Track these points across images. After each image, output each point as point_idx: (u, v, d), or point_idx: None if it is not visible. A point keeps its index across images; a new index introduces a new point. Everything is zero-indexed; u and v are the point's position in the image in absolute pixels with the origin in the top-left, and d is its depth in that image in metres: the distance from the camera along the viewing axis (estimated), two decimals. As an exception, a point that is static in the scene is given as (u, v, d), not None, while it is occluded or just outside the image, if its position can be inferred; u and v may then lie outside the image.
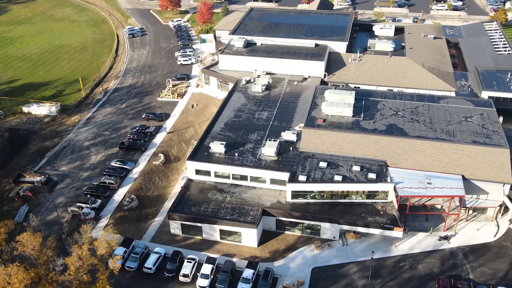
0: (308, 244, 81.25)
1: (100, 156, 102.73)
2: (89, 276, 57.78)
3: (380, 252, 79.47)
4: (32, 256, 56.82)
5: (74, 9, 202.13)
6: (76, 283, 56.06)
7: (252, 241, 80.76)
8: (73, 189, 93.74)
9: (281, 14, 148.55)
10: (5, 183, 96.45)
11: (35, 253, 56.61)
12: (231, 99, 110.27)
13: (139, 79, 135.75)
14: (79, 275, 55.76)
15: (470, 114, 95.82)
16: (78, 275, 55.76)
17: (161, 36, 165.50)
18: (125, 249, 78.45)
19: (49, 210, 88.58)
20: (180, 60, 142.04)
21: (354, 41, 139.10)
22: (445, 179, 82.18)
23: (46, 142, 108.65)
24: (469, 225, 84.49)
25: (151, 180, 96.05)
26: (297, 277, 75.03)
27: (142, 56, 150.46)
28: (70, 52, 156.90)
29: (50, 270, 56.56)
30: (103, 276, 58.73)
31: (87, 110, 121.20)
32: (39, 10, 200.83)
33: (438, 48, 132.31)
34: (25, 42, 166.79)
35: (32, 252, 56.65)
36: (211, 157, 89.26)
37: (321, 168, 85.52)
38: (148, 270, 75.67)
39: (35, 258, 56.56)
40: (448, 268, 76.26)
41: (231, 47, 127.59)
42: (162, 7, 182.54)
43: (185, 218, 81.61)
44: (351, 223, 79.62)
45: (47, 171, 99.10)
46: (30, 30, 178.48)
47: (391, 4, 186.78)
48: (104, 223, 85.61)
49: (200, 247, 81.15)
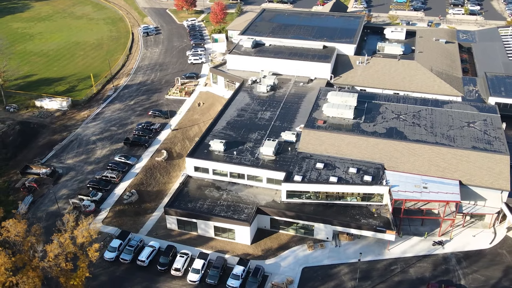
0: (301, 244, 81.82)
1: (105, 151, 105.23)
2: (70, 264, 59.67)
3: (372, 254, 79.51)
4: (17, 242, 59.07)
5: (93, 7, 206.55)
6: (57, 270, 57.97)
7: (245, 239, 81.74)
8: (77, 182, 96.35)
9: (292, 15, 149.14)
10: (13, 173, 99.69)
11: (20, 239, 58.83)
12: (235, 98, 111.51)
13: (150, 76, 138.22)
14: (58, 262, 57.63)
15: (473, 119, 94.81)
16: (58, 262, 57.63)
17: (175, 35, 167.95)
18: (121, 241, 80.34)
19: (52, 201, 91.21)
20: (191, 59, 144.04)
21: (364, 44, 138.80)
22: (442, 184, 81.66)
23: (55, 136, 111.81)
24: (465, 231, 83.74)
25: (152, 176, 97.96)
26: (287, 275, 75.70)
27: (155, 54, 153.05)
28: (85, 49, 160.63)
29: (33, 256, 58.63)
30: (83, 264, 60.51)
31: (97, 105, 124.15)
32: (60, 8, 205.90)
33: (448, 53, 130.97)
34: (43, 39, 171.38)
35: (17, 238, 58.89)
36: (210, 155, 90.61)
37: (318, 169, 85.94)
38: (142, 263, 77.42)
39: (20, 244, 58.81)
40: (440, 273, 75.81)
41: (239, 47, 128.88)
42: (177, 6, 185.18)
43: (181, 214, 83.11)
44: (344, 224, 79.86)
45: (53, 163, 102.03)
46: (50, 27, 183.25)
47: (407, 7, 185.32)
48: (104, 215, 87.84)
49: (194, 243, 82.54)
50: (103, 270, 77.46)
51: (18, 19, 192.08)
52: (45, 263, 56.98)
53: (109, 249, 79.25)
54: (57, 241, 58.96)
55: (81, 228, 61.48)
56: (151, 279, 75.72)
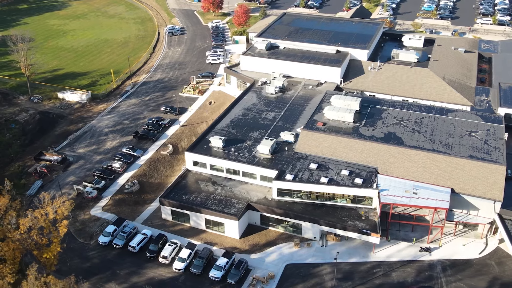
0: (289, 241, 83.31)
1: (115, 143, 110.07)
2: (45, 239, 63.74)
3: (357, 256, 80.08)
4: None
5: (126, 7, 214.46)
6: (32, 243, 62.21)
7: (234, 233, 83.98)
8: (84, 170, 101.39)
9: (311, 20, 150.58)
10: (28, 159, 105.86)
11: (1, 212, 63.32)
12: (243, 98, 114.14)
13: (168, 74, 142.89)
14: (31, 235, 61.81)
15: (476, 129, 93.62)
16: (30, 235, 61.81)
17: (198, 36, 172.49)
18: (116, 227, 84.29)
19: (59, 187, 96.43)
20: (209, 59, 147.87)
21: (381, 50, 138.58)
22: (433, 191, 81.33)
23: (71, 126, 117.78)
24: (456, 240, 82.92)
25: (155, 168, 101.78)
26: (269, 270, 77.38)
27: (176, 54, 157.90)
28: (112, 46, 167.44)
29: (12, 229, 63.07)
30: (56, 239, 64.46)
31: (114, 100, 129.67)
32: (95, 7, 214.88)
33: (465, 62, 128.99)
34: (75, 35, 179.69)
35: None
36: (209, 151, 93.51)
37: (311, 169, 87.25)
38: (132, 248, 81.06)
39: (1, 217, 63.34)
40: (422, 279, 75.57)
41: (254, 49, 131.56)
42: (204, 8, 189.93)
43: (175, 205, 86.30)
44: (330, 224, 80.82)
45: (65, 151, 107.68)
46: (83, 24, 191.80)
47: (434, 16, 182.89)
48: (104, 202, 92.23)
49: (186, 234, 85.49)
50: (96, 253, 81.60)
51: (55, 17, 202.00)
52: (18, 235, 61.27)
53: (103, 234, 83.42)
54: (31, 215, 63.20)
55: (55, 206, 65.46)
56: (139, 265, 79.14)
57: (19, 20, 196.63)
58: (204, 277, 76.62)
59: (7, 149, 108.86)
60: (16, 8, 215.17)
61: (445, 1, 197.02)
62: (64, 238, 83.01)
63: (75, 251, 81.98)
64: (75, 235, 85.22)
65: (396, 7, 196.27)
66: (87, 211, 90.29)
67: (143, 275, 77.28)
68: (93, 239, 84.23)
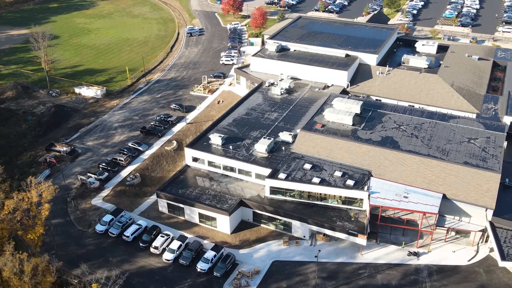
0: (279, 239, 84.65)
1: (123, 137, 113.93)
2: (31, 221, 67.39)
3: (345, 257, 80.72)
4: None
5: (151, 7, 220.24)
6: (18, 224, 65.94)
7: (225, 228, 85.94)
8: (91, 162, 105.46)
9: (325, 24, 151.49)
10: (39, 149, 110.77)
11: None
12: (249, 98, 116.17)
13: (181, 73, 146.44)
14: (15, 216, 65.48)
15: (476, 136, 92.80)
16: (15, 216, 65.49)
17: (216, 37, 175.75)
18: (113, 217, 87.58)
19: (65, 176, 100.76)
20: (223, 59, 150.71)
21: (393, 56, 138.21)
22: (424, 195, 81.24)
23: (84, 120, 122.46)
24: (447, 246, 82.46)
25: (158, 163, 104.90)
26: (255, 266, 78.94)
27: (192, 54, 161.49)
28: (132, 45, 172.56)
29: None
30: (40, 221, 67.94)
31: (127, 96, 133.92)
32: (121, 7, 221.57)
33: (477, 69, 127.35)
34: (99, 34, 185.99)
35: None
36: (208, 147, 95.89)
37: (305, 169, 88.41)
38: (126, 238, 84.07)
39: None
40: (407, 282, 75.63)
41: (264, 50, 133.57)
42: (224, 10, 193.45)
43: (170, 198, 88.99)
44: (318, 224, 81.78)
45: (75, 143, 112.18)
46: (107, 23, 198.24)
47: (454, 22, 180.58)
48: (105, 193, 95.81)
49: (180, 227, 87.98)
50: (92, 241, 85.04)
51: (82, 15, 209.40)
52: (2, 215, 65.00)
53: (100, 223, 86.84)
54: (16, 197, 66.93)
55: (39, 189, 69.06)
56: (131, 254, 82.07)
57: (48, 18, 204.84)
58: (192, 268, 78.83)
59: (21, 139, 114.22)
60: (47, 6, 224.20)
61: (468, 9, 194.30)
62: (61, 224, 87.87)
63: (73, 237, 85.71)
64: (74, 223, 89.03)
65: (417, 13, 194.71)
66: (89, 200, 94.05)
67: (134, 263, 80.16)
68: (91, 227, 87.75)
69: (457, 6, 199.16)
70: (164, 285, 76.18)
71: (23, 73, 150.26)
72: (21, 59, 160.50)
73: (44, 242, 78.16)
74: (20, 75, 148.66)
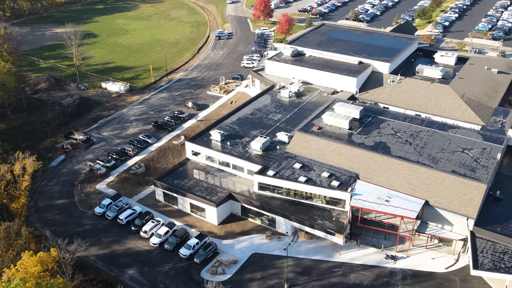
0: (262, 233, 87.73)
1: (136, 130, 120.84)
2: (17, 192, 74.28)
3: (322, 255, 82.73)
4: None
5: (188, 11, 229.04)
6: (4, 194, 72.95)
7: (213, 219, 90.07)
8: (103, 150, 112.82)
9: (346, 31, 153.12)
10: (59, 137, 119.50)
11: None
12: (258, 99, 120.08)
13: (203, 74, 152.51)
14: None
15: (471, 146, 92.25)
16: None
17: (243, 41, 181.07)
18: (111, 201, 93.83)
19: (78, 162, 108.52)
20: (244, 62, 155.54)
21: (410, 65, 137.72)
22: (406, 200, 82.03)
23: (104, 112, 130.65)
24: (427, 252, 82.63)
25: (164, 155, 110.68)
26: (234, 256, 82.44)
27: (217, 56, 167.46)
28: (163, 45, 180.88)
29: None
30: (23, 192, 74.63)
31: (148, 92, 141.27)
32: (160, 10, 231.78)
33: (494, 82, 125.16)
34: (135, 34, 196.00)
35: None
36: (207, 143, 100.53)
37: (294, 168, 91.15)
38: (120, 221, 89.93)
39: None
40: (379, 284, 76.70)
41: (280, 54, 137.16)
42: (254, 16, 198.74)
43: (165, 187, 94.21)
44: (299, 221, 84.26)
45: (92, 133, 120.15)
46: (144, 25, 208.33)
47: (485, 36, 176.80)
48: (110, 179, 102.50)
49: (172, 215, 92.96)
50: (90, 222, 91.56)
51: (123, 17, 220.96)
52: None
53: (99, 206, 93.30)
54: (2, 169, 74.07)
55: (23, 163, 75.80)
56: (123, 236, 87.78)
57: (91, 18, 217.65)
58: (175, 253, 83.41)
59: (46, 126, 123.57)
60: (93, 7, 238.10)
61: (503, 22, 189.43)
62: (65, 204, 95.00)
63: (74, 217, 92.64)
64: (77, 204, 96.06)
65: (449, 25, 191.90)
66: (94, 185, 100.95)
67: (123, 244, 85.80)
68: (91, 209, 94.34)
69: (493, 19, 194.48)
70: (146, 266, 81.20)
71: (59, 67, 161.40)
72: (60, 54, 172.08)
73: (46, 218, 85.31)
74: (56, 69, 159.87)
